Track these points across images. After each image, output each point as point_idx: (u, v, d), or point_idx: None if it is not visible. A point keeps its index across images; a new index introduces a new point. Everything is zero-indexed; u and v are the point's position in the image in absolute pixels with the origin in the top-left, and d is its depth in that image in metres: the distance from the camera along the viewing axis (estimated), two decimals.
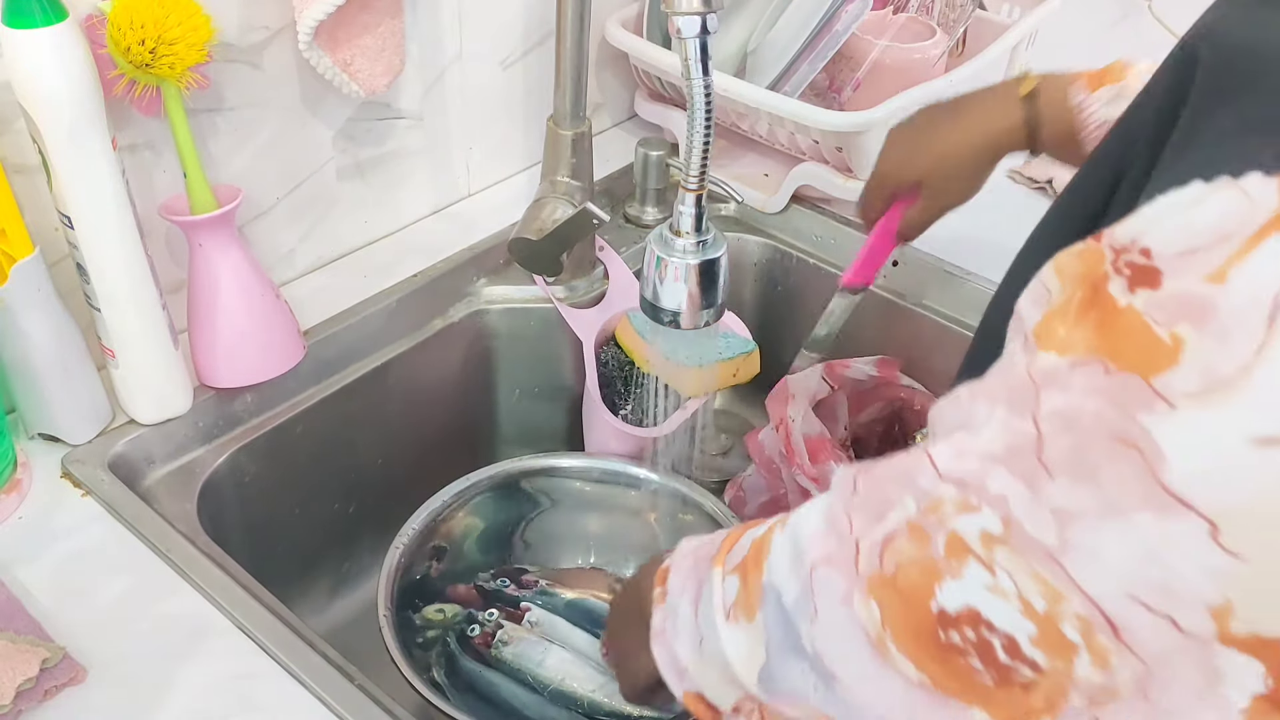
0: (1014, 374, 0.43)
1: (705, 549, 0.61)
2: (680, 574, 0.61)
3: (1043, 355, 0.42)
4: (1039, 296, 0.44)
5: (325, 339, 0.94)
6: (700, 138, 0.68)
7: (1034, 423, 0.41)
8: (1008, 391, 0.43)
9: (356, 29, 0.89)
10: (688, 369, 0.89)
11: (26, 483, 0.80)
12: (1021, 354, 0.43)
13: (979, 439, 0.44)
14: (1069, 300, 0.42)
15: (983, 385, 0.45)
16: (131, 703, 0.67)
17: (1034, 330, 0.43)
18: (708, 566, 0.58)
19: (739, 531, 0.58)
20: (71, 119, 0.70)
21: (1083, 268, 0.42)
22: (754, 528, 0.58)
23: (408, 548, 0.86)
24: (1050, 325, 0.42)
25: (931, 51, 1.12)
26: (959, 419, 0.46)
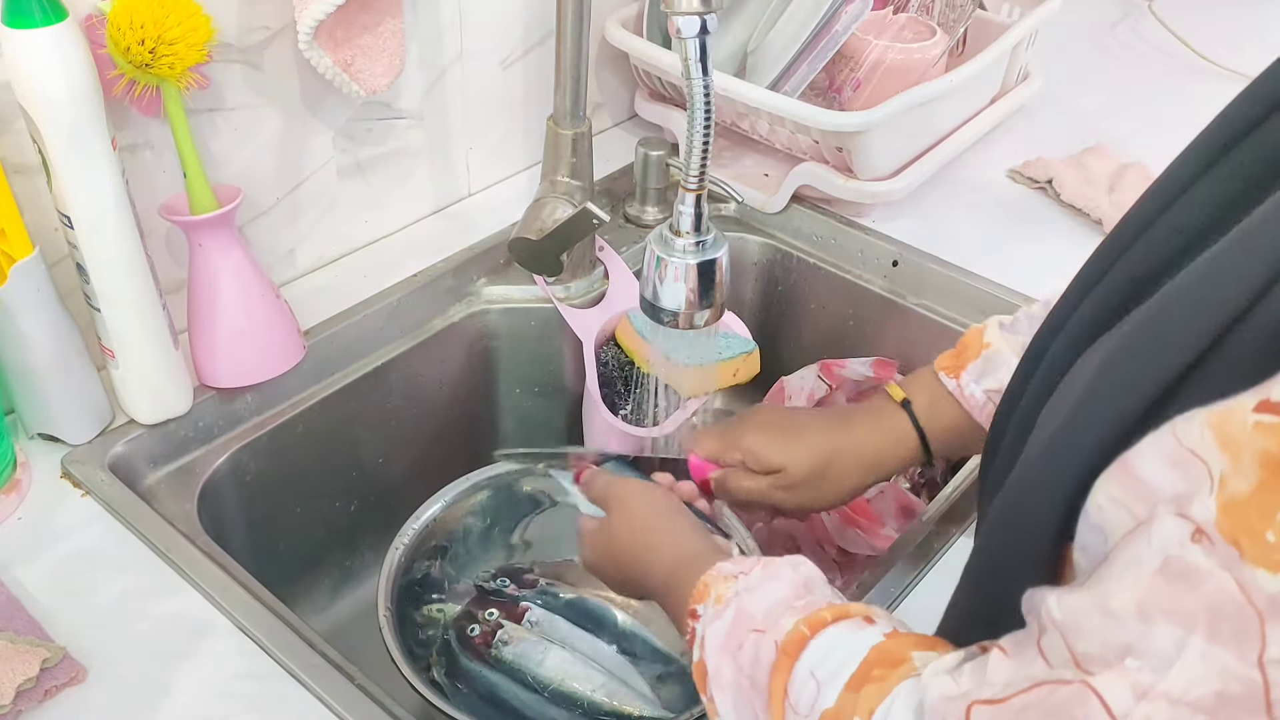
0: (1209, 592, 0.34)
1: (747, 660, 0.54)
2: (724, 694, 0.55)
3: (1265, 576, 0.33)
4: (1183, 464, 0.36)
5: (325, 339, 0.94)
6: (700, 138, 0.68)
7: (1259, 667, 0.33)
8: (1208, 616, 0.34)
9: (356, 29, 0.89)
10: (688, 369, 0.89)
11: (26, 483, 0.80)
12: (1203, 557, 0.34)
13: (1169, 678, 0.35)
14: (1270, 491, 0.33)
15: (1149, 597, 0.36)
16: (131, 703, 0.67)
17: (1218, 524, 0.34)
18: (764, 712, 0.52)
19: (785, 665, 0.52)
20: (71, 119, 0.70)
21: (1276, 447, 0.33)
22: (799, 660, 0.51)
23: (408, 547, 0.86)
24: (1249, 524, 0.33)
25: (931, 51, 1.12)
26: (1121, 641, 0.37)
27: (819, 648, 0.52)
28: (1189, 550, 0.35)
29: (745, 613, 0.57)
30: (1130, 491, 0.38)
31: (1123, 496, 0.38)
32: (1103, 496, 0.39)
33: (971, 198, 1.15)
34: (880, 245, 1.08)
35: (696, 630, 0.59)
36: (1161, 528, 0.36)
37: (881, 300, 1.07)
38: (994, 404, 0.72)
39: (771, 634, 0.54)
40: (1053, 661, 0.40)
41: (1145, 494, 0.37)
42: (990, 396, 0.74)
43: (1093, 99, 1.32)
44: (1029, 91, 1.26)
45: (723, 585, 0.59)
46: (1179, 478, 0.36)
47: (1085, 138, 1.22)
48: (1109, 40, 1.47)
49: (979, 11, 1.20)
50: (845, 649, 0.51)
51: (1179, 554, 0.35)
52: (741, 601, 0.57)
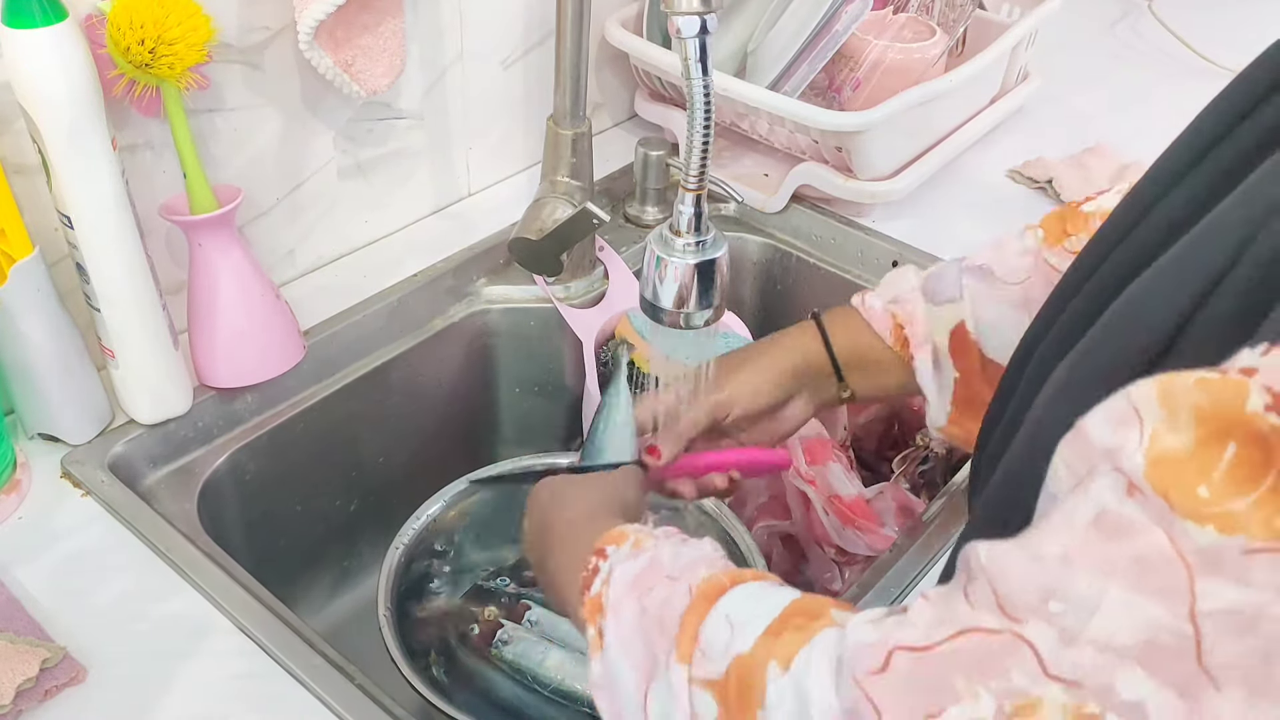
0: (1139, 544, 0.35)
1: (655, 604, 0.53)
2: (622, 627, 0.53)
3: (1195, 529, 0.33)
4: (1126, 421, 0.36)
5: (325, 338, 0.94)
6: (700, 138, 0.68)
7: (1190, 619, 0.34)
8: (1135, 567, 0.35)
9: (357, 29, 0.89)
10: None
11: (26, 483, 0.80)
12: (1136, 510, 0.35)
13: (1094, 624, 0.35)
14: (1206, 448, 0.34)
15: (1077, 545, 0.36)
16: (131, 703, 0.67)
17: (1148, 477, 0.35)
18: (666, 652, 0.50)
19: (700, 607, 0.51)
20: (71, 119, 0.70)
21: (1213, 403, 0.33)
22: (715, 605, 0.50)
23: (408, 547, 0.86)
24: (1181, 478, 0.34)
25: (931, 51, 1.12)
26: (1044, 585, 0.37)
27: (738, 596, 0.51)
28: (1125, 504, 0.35)
29: (661, 561, 0.55)
30: (1077, 452, 0.38)
31: (1071, 458, 0.38)
32: (1058, 461, 0.39)
33: (971, 198, 1.15)
34: (880, 245, 1.08)
35: (601, 566, 0.57)
36: (1099, 482, 0.36)
37: None
38: (890, 313, 0.78)
39: (686, 580, 0.53)
40: (976, 606, 0.39)
41: (1089, 452, 0.37)
42: (887, 305, 0.78)
43: (1093, 99, 1.32)
44: (1029, 91, 1.26)
45: (643, 536, 0.58)
46: (1117, 433, 0.36)
47: (1085, 138, 1.22)
48: (1109, 40, 1.47)
49: (979, 11, 1.20)
50: (766, 600, 0.50)
51: (1115, 508, 0.35)
52: (660, 551, 0.56)
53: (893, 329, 0.77)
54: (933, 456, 1.02)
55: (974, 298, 0.74)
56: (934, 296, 0.76)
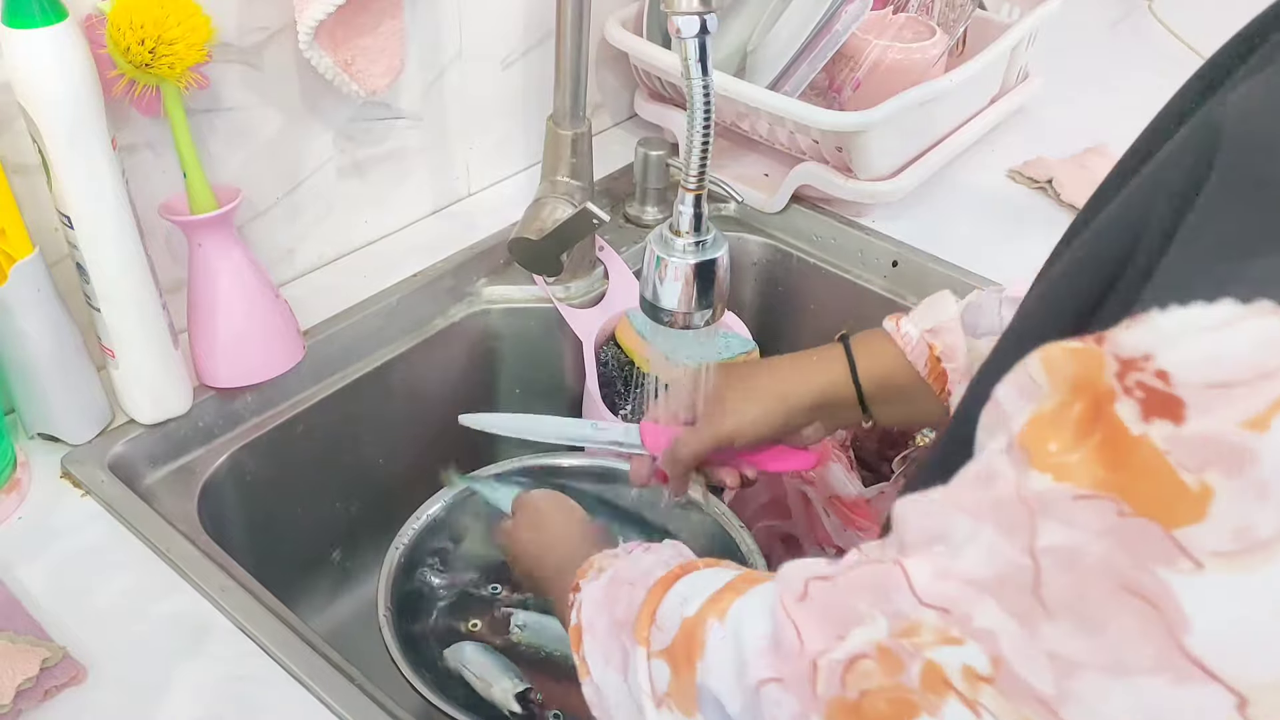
0: (1000, 489, 0.39)
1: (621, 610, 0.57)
2: (597, 642, 0.58)
3: (1037, 476, 0.37)
4: (1024, 387, 0.39)
5: (325, 338, 0.94)
6: (700, 138, 0.68)
7: (1030, 555, 0.37)
8: (994, 510, 0.39)
9: (356, 29, 0.89)
10: (688, 369, 0.89)
11: (26, 483, 0.80)
12: (1007, 462, 0.39)
13: (962, 560, 0.40)
14: (1063, 409, 0.37)
15: (960, 493, 0.41)
16: (131, 703, 0.67)
17: (1020, 436, 0.38)
18: (630, 640, 0.54)
19: (656, 594, 0.55)
20: (71, 119, 0.70)
21: (1078, 370, 0.37)
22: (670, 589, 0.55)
23: (408, 548, 0.86)
24: (1040, 435, 0.38)
25: (931, 51, 1.12)
26: (933, 529, 0.41)
27: (690, 578, 0.55)
28: (999, 458, 0.39)
29: (621, 575, 0.60)
30: (991, 417, 0.41)
31: (987, 422, 0.42)
32: (979, 429, 0.43)
33: (971, 198, 1.15)
34: (880, 245, 1.08)
35: (575, 600, 0.62)
36: (993, 442, 0.40)
37: (881, 300, 1.07)
38: (927, 343, 0.75)
39: (644, 582, 0.57)
40: (886, 548, 0.44)
41: (998, 417, 0.41)
42: (925, 335, 0.75)
43: (1093, 99, 1.32)
44: (1029, 91, 1.26)
45: (605, 559, 0.63)
46: (1018, 400, 0.40)
47: (1085, 138, 1.22)
48: (1109, 40, 1.47)
49: (979, 11, 1.20)
50: (717, 576, 0.54)
51: (992, 460, 0.40)
52: (619, 566, 0.61)
53: (929, 360, 0.75)
54: None
55: None
56: (973, 329, 0.74)
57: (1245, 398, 0.33)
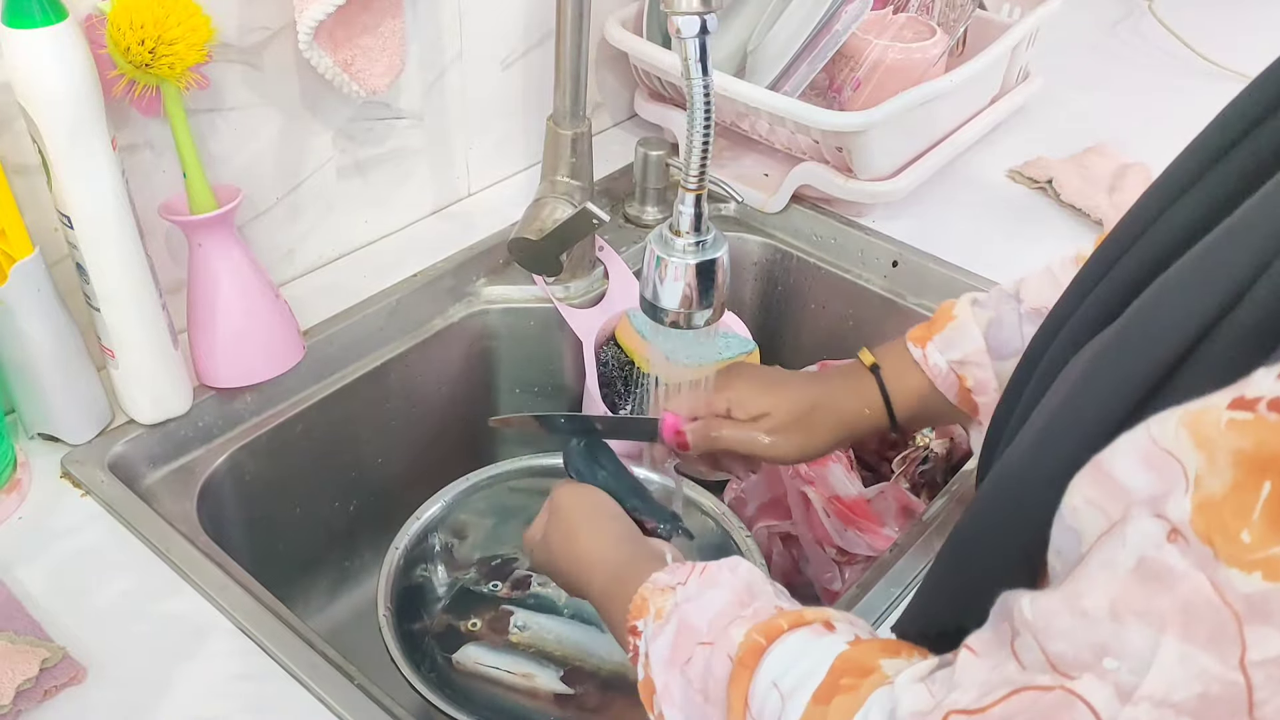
0: (1183, 592, 0.34)
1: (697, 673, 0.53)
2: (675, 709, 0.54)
3: (1238, 576, 0.33)
4: (1158, 464, 0.35)
5: (325, 339, 0.94)
6: (700, 138, 0.68)
7: (1240, 669, 0.33)
8: (1182, 616, 0.34)
9: (357, 29, 0.89)
10: (688, 369, 0.89)
11: (26, 483, 0.80)
12: (1178, 556, 0.34)
13: (1150, 679, 0.35)
14: (1243, 491, 0.33)
15: (1123, 597, 0.36)
16: (131, 703, 0.67)
17: (1192, 523, 0.34)
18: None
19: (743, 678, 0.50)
20: (71, 119, 0.70)
21: (1247, 443, 0.33)
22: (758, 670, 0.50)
23: (407, 548, 0.86)
24: (1222, 524, 0.33)
25: (931, 51, 1.12)
26: (1095, 641, 0.36)
27: (779, 656, 0.50)
28: (1164, 550, 0.34)
29: (688, 625, 0.55)
30: (1105, 492, 0.37)
31: (1097, 498, 0.38)
32: (1078, 498, 0.39)
33: (971, 198, 1.15)
34: (880, 245, 1.08)
35: (639, 647, 0.57)
36: (1137, 528, 0.35)
37: (881, 300, 1.07)
38: (955, 374, 0.75)
39: (722, 646, 0.52)
40: (1026, 664, 0.39)
41: (1120, 494, 0.36)
42: (953, 367, 0.75)
43: (1093, 99, 1.32)
44: (1029, 91, 1.26)
45: (660, 598, 0.58)
46: (1154, 478, 0.35)
47: (1085, 138, 1.22)
48: (1109, 40, 1.47)
49: (979, 11, 1.20)
50: (809, 658, 0.49)
51: (1154, 555, 0.35)
52: (683, 613, 0.56)
53: (959, 392, 0.76)
54: (933, 456, 1.02)
55: None
56: (999, 351, 0.74)
57: None
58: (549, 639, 0.87)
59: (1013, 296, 0.75)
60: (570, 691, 0.83)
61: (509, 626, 0.88)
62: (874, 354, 0.79)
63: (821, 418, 0.78)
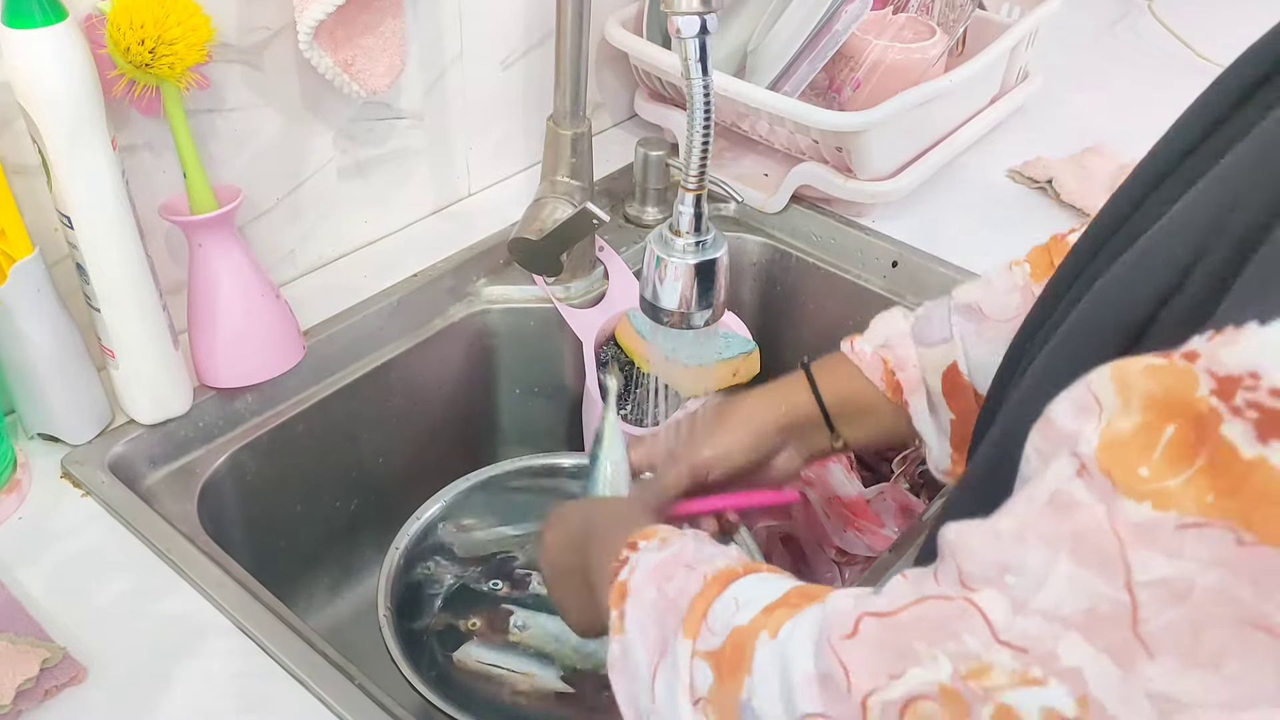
0: (1081, 519, 0.36)
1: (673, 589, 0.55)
2: (640, 610, 0.56)
3: (1131, 505, 0.35)
4: (1086, 407, 0.37)
5: (326, 338, 0.94)
6: (700, 138, 0.68)
7: (1126, 589, 0.35)
8: (1076, 540, 0.37)
9: (357, 29, 0.89)
10: (688, 369, 0.89)
11: (26, 483, 0.80)
12: (1084, 488, 0.37)
13: (1043, 595, 0.37)
14: (1148, 431, 0.35)
15: (1032, 521, 0.38)
16: (131, 703, 0.67)
17: (1098, 458, 0.36)
18: (675, 630, 0.53)
19: (711, 591, 0.53)
20: (71, 119, 0.70)
21: (1162, 390, 0.35)
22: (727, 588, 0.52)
23: (408, 548, 0.86)
24: (1124, 459, 0.36)
25: (931, 51, 1.12)
26: (1002, 560, 0.39)
27: (750, 582, 0.53)
28: (1073, 484, 0.37)
29: (684, 554, 0.57)
30: (1046, 438, 0.40)
31: (1042, 444, 0.40)
32: (1029, 448, 0.41)
33: (971, 198, 1.15)
34: (880, 245, 1.08)
35: (630, 558, 0.59)
36: (1057, 465, 0.38)
37: (881, 300, 1.07)
38: (880, 357, 0.76)
39: (703, 569, 0.55)
40: (941, 581, 0.42)
41: (1056, 437, 0.39)
42: (877, 350, 0.76)
43: (1093, 99, 1.32)
44: (1029, 91, 1.26)
45: (670, 534, 0.60)
46: (1081, 419, 0.38)
47: (1085, 138, 1.22)
48: (1109, 40, 1.47)
49: (979, 11, 1.20)
50: (774, 585, 0.52)
51: (1065, 488, 0.37)
52: (685, 544, 0.58)
53: (884, 375, 0.76)
54: None
55: (964, 337, 0.72)
56: (924, 339, 0.75)
57: None
58: (549, 639, 0.87)
59: (945, 298, 0.76)
60: (570, 690, 0.83)
61: (509, 626, 0.88)
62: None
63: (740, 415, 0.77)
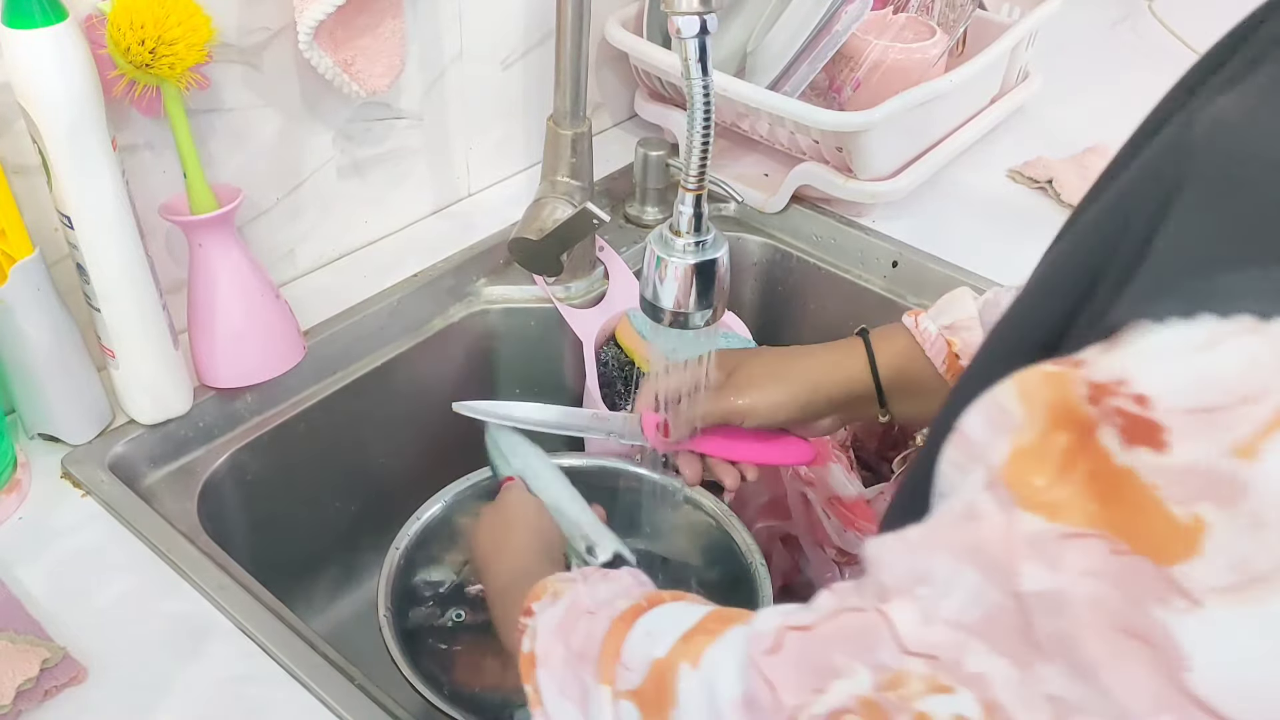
0: (984, 530, 0.37)
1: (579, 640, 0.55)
2: (552, 673, 0.55)
3: (1027, 518, 0.36)
4: (994, 418, 0.38)
5: (325, 339, 0.94)
6: (700, 138, 0.68)
7: (1016, 598, 0.36)
8: (975, 551, 0.37)
9: (356, 29, 0.89)
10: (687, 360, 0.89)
11: (26, 483, 0.80)
12: (990, 500, 0.37)
13: (948, 604, 0.38)
14: (1045, 440, 0.36)
15: (939, 533, 0.39)
16: (131, 703, 0.67)
17: (1004, 472, 0.37)
18: (592, 675, 0.52)
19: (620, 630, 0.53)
20: (71, 119, 0.70)
21: (1054, 396, 0.36)
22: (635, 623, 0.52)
23: (408, 548, 0.86)
24: (1024, 470, 0.36)
25: (931, 51, 1.12)
26: (914, 571, 0.39)
27: (656, 614, 0.53)
28: (981, 495, 0.37)
29: (580, 602, 0.57)
30: (961, 451, 0.40)
31: (957, 457, 0.40)
32: (945, 463, 0.41)
33: (971, 198, 1.15)
34: (880, 245, 1.08)
35: (528, 625, 0.59)
36: (969, 477, 0.38)
37: (881, 300, 1.07)
38: (945, 339, 0.74)
39: (606, 612, 0.55)
40: (864, 593, 0.42)
41: (969, 449, 0.39)
42: (942, 331, 0.75)
43: (1093, 99, 1.32)
44: (1029, 91, 1.26)
45: (560, 584, 0.61)
46: (991, 431, 0.38)
47: (1085, 138, 1.22)
48: (1109, 40, 1.47)
49: (979, 11, 1.20)
50: (685, 613, 0.52)
51: (974, 499, 0.38)
52: (577, 593, 0.59)
53: (947, 357, 0.75)
54: None
55: None
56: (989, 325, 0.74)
57: (1230, 423, 0.31)
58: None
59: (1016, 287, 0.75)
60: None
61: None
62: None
63: (792, 370, 0.77)
